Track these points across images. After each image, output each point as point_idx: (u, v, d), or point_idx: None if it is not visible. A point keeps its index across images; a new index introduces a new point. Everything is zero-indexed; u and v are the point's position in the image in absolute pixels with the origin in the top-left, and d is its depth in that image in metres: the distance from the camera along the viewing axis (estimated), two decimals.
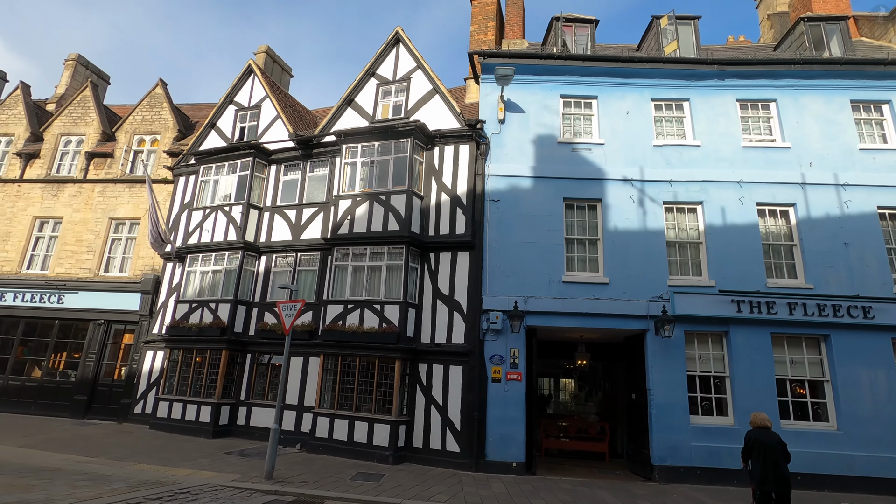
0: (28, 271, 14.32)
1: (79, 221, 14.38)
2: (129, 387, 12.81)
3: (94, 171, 14.87)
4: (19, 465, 7.48)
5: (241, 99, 14.16)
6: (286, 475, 7.90)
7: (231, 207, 12.48)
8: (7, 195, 14.99)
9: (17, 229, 14.60)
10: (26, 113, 15.81)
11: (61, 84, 19.01)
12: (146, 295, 13.25)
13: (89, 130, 15.32)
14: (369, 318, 10.22)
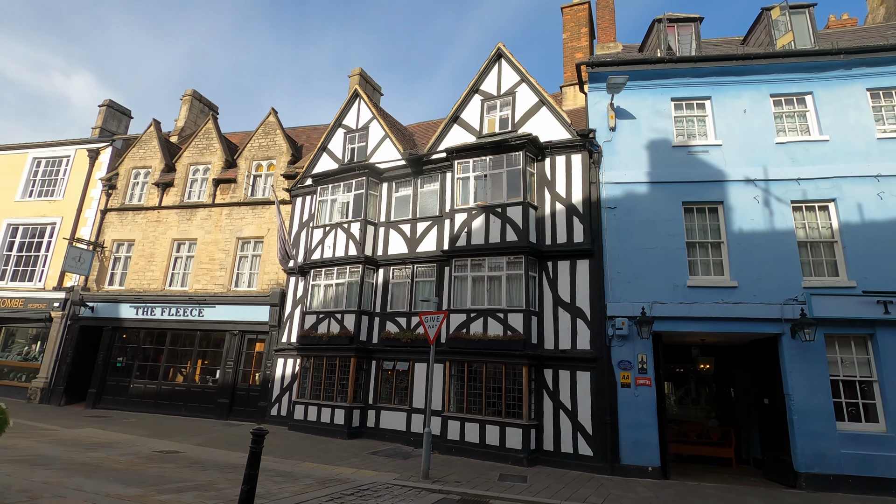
0: (170, 288, 16.11)
1: (210, 242, 15.99)
2: (264, 391, 14.10)
3: (220, 195, 16.47)
4: (213, 461, 8.57)
5: (349, 122, 15.17)
6: (437, 475, 8.49)
7: (349, 224, 13.43)
8: (149, 221, 16.93)
9: (160, 251, 16.46)
10: (160, 147, 17.77)
11: (180, 117, 21.16)
12: (274, 307, 14.52)
13: (214, 159, 16.99)
14: (493, 326, 10.69)
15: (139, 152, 17.98)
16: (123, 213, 17.34)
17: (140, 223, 17.02)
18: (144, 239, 16.77)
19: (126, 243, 17.12)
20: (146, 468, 7.51)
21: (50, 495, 5.17)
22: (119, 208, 17.39)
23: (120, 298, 16.08)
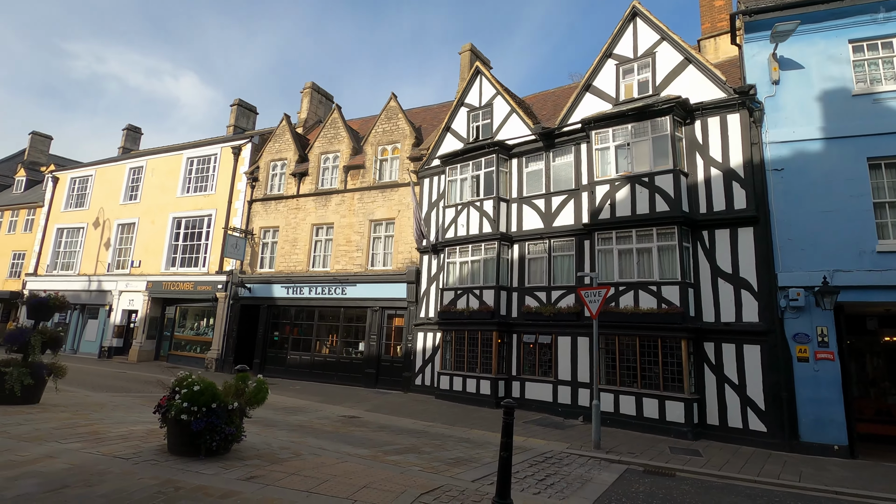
0: (313, 269, 17.64)
1: (346, 225, 17.18)
2: (407, 362, 15.11)
3: (351, 181, 17.54)
4: (394, 426, 9.46)
5: (472, 100, 15.30)
6: (607, 445, 8.66)
7: (482, 202, 13.70)
8: (290, 208, 18.54)
9: (302, 236, 18.02)
10: (293, 139, 19.22)
11: (302, 109, 22.64)
12: (410, 284, 15.37)
13: (342, 147, 18.06)
14: (645, 300, 10.48)
15: (275, 146, 19.60)
16: (267, 203, 19.13)
17: (282, 211, 18.70)
18: (287, 225, 18.42)
19: (271, 230, 18.93)
20: (349, 431, 8.49)
21: (307, 453, 6.07)
22: (262, 198, 19.21)
23: (272, 280, 17.93)
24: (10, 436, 5.63)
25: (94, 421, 6.78)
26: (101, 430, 6.17)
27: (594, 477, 6.53)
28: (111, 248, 22.77)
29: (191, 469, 4.86)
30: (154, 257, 21.24)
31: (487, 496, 4.93)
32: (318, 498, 4.36)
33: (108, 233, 23.08)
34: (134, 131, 29.78)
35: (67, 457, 4.97)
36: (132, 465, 4.84)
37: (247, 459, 5.44)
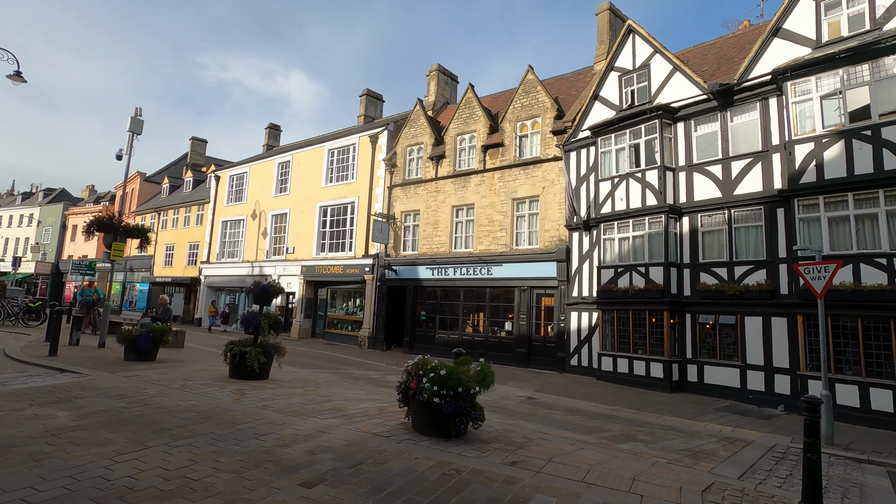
0: (456, 250, 17.92)
1: (487, 205, 17.12)
2: (560, 342, 14.80)
3: (490, 160, 17.38)
4: (574, 408, 9.24)
5: (624, 63, 14.17)
6: (841, 441, 7.60)
7: (643, 172, 12.72)
8: (429, 192, 18.95)
9: (442, 218, 18.36)
10: (427, 123, 19.52)
11: (430, 93, 22.86)
12: (561, 263, 14.92)
13: (478, 127, 17.92)
14: (870, 274, 8.97)
15: (410, 131, 20.06)
16: (406, 188, 19.75)
17: (421, 195, 19.18)
18: (427, 208, 18.87)
19: (412, 213, 19.55)
20: (546, 413, 8.43)
21: (536, 437, 6.05)
22: (402, 183, 19.86)
23: (416, 262, 18.58)
24: (274, 409, 6.29)
25: (325, 397, 7.39)
26: (342, 407, 6.68)
27: (865, 481, 5.70)
28: (268, 237, 25.28)
29: (451, 451, 5.00)
30: (306, 244, 23.15)
31: (775, 498, 4.45)
32: (598, 490, 4.22)
33: (265, 223, 25.61)
34: (274, 129, 32.55)
35: (336, 433, 5.40)
36: (397, 444, 5.11)
37: (489, 442, 5.52)
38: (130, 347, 9.65)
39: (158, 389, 7.09)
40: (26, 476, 3.74)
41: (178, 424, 5.37)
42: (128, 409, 5.94)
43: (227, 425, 5.45)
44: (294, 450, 4.73)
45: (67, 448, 4.44)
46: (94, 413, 5.65)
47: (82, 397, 6.39)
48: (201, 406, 6.26)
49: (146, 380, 7.80)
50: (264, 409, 6.32)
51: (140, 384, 7.43)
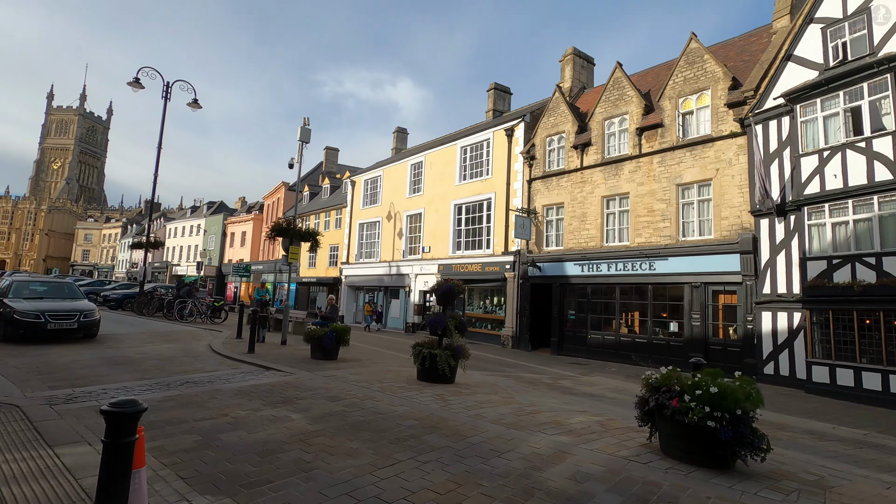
0: (608, 244, 16.55)
1: (645, 193, 15.51)
2: (747, 347, 12.79)
3: (646, 144, 15.74)
4: (827, 433, 7.60)
5: (828, 12, 11.77)
6: None
7: (869, 142, 10.36)
8: (574, 183, 17.79)
9: (591, 210, 17.09)
10: (569, 110, 18.35)
11: (565, 78, 21.58)
12: (745, 255, 12.89)
13: (630, 108, 16.34)
14: None
15: (549, 120, 19.05)
16: (547, 180, 18.79)
17: (565, 186, 18.08)
18: (573, 201, 17.73)
19: (555, 207, 18.54)
20: (784, 437, 7.00)
21: (826, 474, 4.82)
22: (542, 176, 18.94)
23: (563, 258, 17.54)
24: (490, 420, 5.82)
25: (530, 407, 6.81)
26: (559, 421, 6.03)
27: None
28: (403, 237, 25.96)
29: (742, 489, 4.04)
30: (441, 242, 23.29)
31: None
32: None
33: (400, 224, 26.35)
34: (402, 132, 33.54)
35: (579, 454, 4.72)
36: (664, 474, 4.28)
37: (776, 479, 4.44)
38: (317, 346, 10.03)
39: (363, 392, 7.05)
40: (307, 491, 3.57)
41: (409, 434, 5.10)
42: (348, 412, 5.86)
43: (457, 437, 5.05)
44: (551, 475, 4.14)
45: (324, 457, 4.30)
46: (322, 417, 5.62)
47: (301, 398, 6.51)
48: (415, 412, 6.00)
49: (344, 380, 7.89)
50: (478, 419, 5.88)
51: (342, 385, 7.49)
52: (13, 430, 4.62)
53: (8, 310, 10.67)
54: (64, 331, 11.01)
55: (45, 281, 13.87)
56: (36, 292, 12.15)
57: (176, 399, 6.19)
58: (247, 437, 4.77)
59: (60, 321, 10.92)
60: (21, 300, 11.27)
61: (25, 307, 10.78)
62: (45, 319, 10.68)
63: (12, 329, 10.48)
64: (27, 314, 10.58)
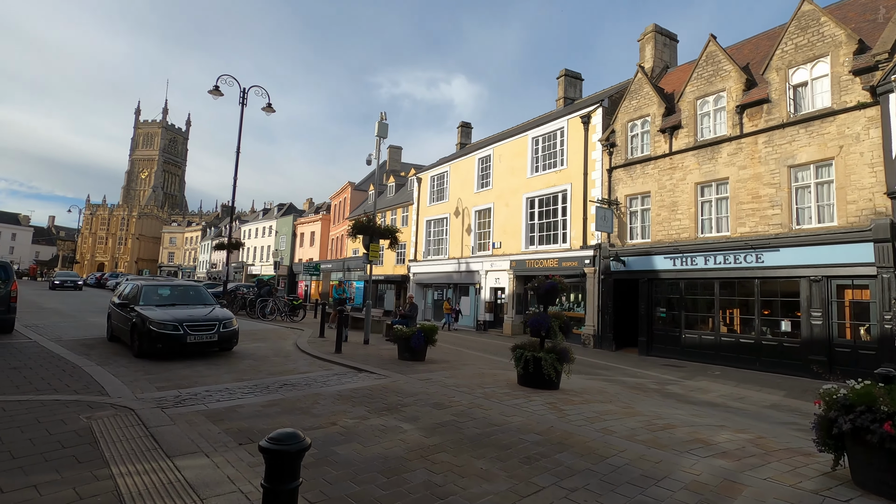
0: (704, 235, 15.10)
1: (748, 178, 13.96)
2: (884, 350, 11.09)
3: (749, 122, 14.16)
4: None
5: None
6: None
7: None
8: (661, 170, 16.42)
9: (682, 198, 15.69)
10: (654, 92, 16.97)
11: (645, 58, 20.08)
12: (880, 244, 11.17)
13: (728, 84, 14.78)
14: None
15: (631, 104, 17.75)
16: (630, 168, 17.52)
17: (651, 174, 16.75)
18: (661, 189, 16.38)
19: (640, 196, 17.25)
20: None
21: None
22: (624, 164, 17.68)
23: (651, 251, 16.25)
24: (622, 436, 5.10)
25: (658, 419, 6.00)
26: (703, 438, 5.20)
27: None
28: (472, 233, 25.42)
29: None
30: (512, 238, 22.51)
31: None
32: None
33: (468, 219, 25.84)
34: (466, 127, 33.01)
35: (752, 484, 3.92)
36: None
37: None
38: (404, 346, 9.69)
39: (467, 399, 6.53)
40: None
41: (537, 452, 4.49)
42: (461, 423, 5.35)
43: (594, 457, 4.39)
44: None
45: (455, 480, 3.79)
46: (435, 428, 5.14)
47: (404, 405, 6.09)
48: (532, 424, 5.40)
49: (442, 385, 7.43)
50: (607, 433, 5.17)
51: (442, 390, 7.03)
52: (132, 437, 4.49)
53: (141, 319, 8.95)
54: (204, 343, 9.20)
55: (172, 285, 11.76)
56: (164, 298, 10.49)
57: (279, 404, 5.96)
58: (364, 451, 4.37)
59: (200, 333, 9.12)
60: (154, 308, 9.54)
61: (161, 317, 9.00)
62: (185, 331, 8.92)
63: (148, 344, 8.79)
64: (165, 325, 8.82)
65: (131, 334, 9.27)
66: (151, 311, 9.23)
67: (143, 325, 8.89)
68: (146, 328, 8.81)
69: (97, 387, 6.54)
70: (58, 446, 4.20)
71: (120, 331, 10.23)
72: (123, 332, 9.90)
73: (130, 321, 9.31)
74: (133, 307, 9.59)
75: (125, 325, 9.71)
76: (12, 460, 3.87)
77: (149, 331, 8.77)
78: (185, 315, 9.32)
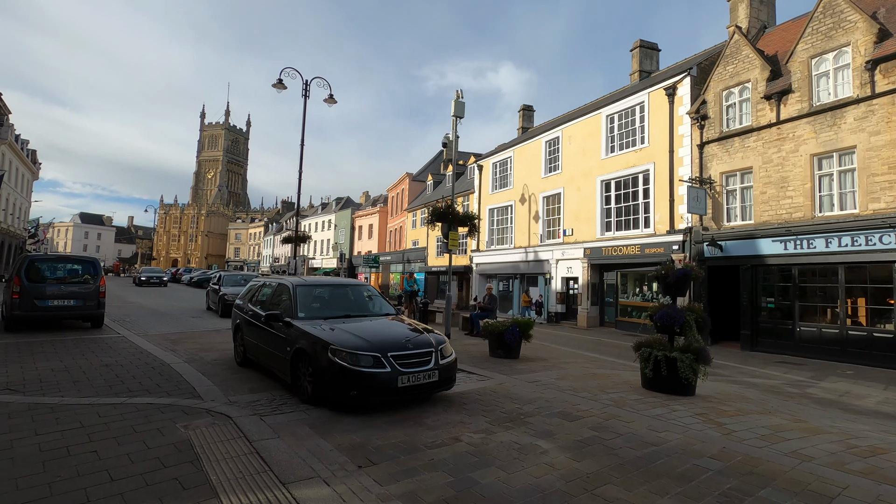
0: (823, 214, 13.18)
1: (883, 145, 11.93)
2: None
3: (882, 81, 12.09)
4: None
5: None
6: None
7: None
8: (767, 142, 14.52)
9: (794, 173, 13.77)
10: (756, 54, 15.02)
11: (739, 18, 17.94)
12: None
13: (854, 37, 12.70)
14: None
15: (726, 70, 15.84)
16: (726, 142, 15.67)
17: (753, 147, 14.87)
18: (766, 163, 14.49)
19: (739, 173, 15.40)
20: None
21: None
22: (718, 138, 15.85)
23: (756, 234, 14.45)
24: (824, 462, 3.97)
25: (853, 438, 4.77)
26: None
27: None
28: (540, 220, 24.15)
29: None
30: (586, 224, 21.09)
31: None
32: None
33: (535, 206, 24.58)
34: (528, 110, 31.58)
35: None
36: None
37: None
38: (497, 343, 8.84)
39: (597, 407, 5.55)
40: None
41: (732, 486, 3.47)
42: (605, 440, 4.40)
43: (812, 496, 3.30)
44: None
45: None
46: (578, 447, 4.22)
47: (526, 413, 5.21)
48: (697, 444, 4.35)
49: (557, 388, 6.50)
50: (803, 459, 4.05)
51: (558, 395, 6.09)
52: (237, 453, 3.88)
53: (321, 347, 5.27)
54: (420, 387, 5.21)
55: (325, 283, 7.49)
56: (326, 304, 6.72)
57: None
58: (510, 480, 3.52)
59: (415, 371, 5.17)
60: (321, 323, 5.87)
61: (353, 343, 5.23)
62: (392, 367, 5.07)
63: (343, 388, 5.00)
64: (358, 357, 5.06)
65: (294, 365, 5.71)
66: (333, 336, 5.40)
67: (327, 362, 5.11)
68: (329, 361, 5.09)
69: (188, 387, 6.12)
70: (158, 465, 3.64)
71: (266, 356, 6.61)
72: (276, 361, 6.24)
73: (290, 344, 5.79)
74: (290, 322, 5.99)
75: (279, 352, 6.06)
76: (111, 483, 3.33)
77: (341, 369, 5.00)
78: (380, 338, 5.44)
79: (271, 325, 6.38)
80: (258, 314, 6.87)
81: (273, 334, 6.32)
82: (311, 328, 5.68)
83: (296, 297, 6.46)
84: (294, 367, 5.69)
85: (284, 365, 5.92)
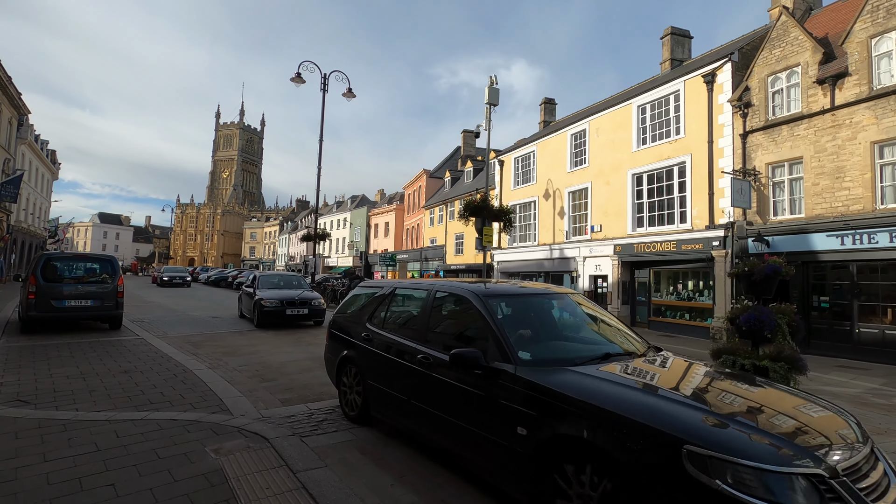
0: (885, 206, 12.18)
1: None
2: None
3: None
4: None
5: None
6: None
7: None
8: (819, 130, 13.54)
9: (851, 162, 12.79)
10: (806, 35, 14.02)
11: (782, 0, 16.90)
12: None
13: None
14: None
15: (772, 54, 14.86)
16: (773, 131, 14.70)
17: (804, 136, 13.89)
18: (819, 152, 13.51)
19: (786, 164, 14.42)
20: None
21: None
22: (764, 126, 14.88)
23: (808, 228, 13.49)
24: None
25: None
26: None
27: None
28: (565, 217, 23.29)
29: None
30: (615, 219, 20.19)
31: None
32: None
33: (560, 202, 23.72)
34: (549, 103, 30.70)
35: None
36: None
37: None
38: None
39: None
40: None
41: None
42: None
43: None
44: None
45: None
46: None
47: None
48: None
49: None
50: None
51: None
52: (280, 490, 3.22)
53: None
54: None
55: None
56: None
57: None
58: None
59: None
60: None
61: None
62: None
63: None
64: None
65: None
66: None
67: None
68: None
69: (214, 399, 5.51)
70: None
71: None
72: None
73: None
74: (505, 371, 5.36)
75: (488, 432, 3.94)
76: None
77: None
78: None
79: (458, 375, 3.52)
80: (410, 349, 4.10)
81: (465, 394, 3.47)
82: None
83: (500, 324, 3.59)
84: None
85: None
